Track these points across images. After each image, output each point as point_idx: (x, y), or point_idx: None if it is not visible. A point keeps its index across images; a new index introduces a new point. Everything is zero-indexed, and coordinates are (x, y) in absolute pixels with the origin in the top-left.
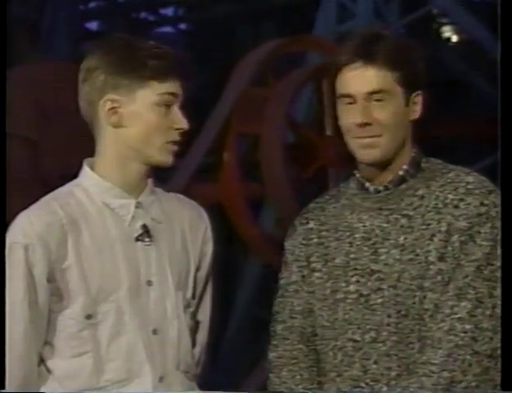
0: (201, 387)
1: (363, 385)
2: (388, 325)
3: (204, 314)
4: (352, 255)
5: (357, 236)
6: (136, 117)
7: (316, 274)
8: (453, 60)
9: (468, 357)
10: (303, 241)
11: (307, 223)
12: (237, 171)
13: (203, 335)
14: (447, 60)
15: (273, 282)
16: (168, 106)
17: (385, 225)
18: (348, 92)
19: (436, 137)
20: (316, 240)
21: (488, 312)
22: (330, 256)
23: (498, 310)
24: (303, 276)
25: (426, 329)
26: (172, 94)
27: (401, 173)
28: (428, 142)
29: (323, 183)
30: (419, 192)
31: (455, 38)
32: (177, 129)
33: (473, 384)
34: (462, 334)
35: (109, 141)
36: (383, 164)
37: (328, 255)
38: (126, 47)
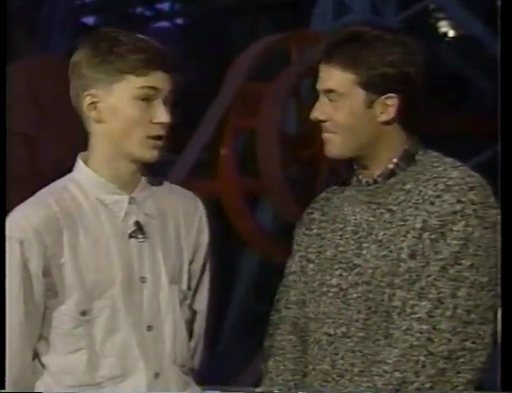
0: (198, 382)
1: (330, 380)
2: (357, 321)
3: (201, 304)
4: (340, 248)
5: (347, 229)
6: (114, 112)
7: (310, 266)
8: (450, 56)
9: (422, 358)
10: (306, 232)
11: (312, 213)
12: (235, 166)
13: (199, 325)
14: (444, 55)
15: (270, 277)
16: (148, 99)
17: (371, 219)
18: (316, 87)
19: (433, 132)
20: (315, 231)
21: (448, 313)
22: (323, 248)
23: (460, 311)
24: (302, 266)
25: (393, 327)
26: (153, 88)
27: (390, 166)
28: (426, 136)
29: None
30: (407, 186)
31: (452, 34)
32: (158, 123)
33: (427, 385)
34: (418, 334)
35: (96, 136)
36: (360, 160)
37: (322, 247)
38: (108, 41)
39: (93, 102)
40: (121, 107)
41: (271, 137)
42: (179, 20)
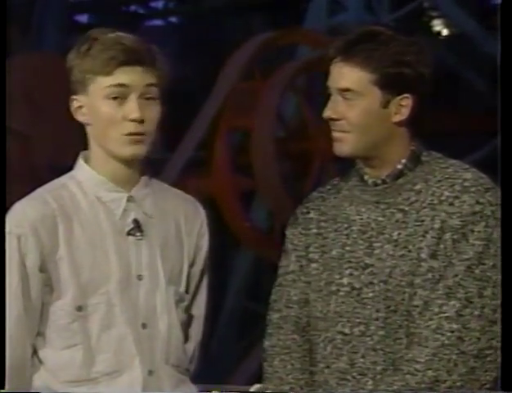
0: (191, 380)
1: (349, 378)
2: (377, 319)
3: (199, 309)
4: (347, 248)
5: (353, 228)
6: (92, 113)
7: (313, 265)
8: (444, 54)
9: (454, 357)
10: (303, 231)
11: (308, 212)
12: (228, 165)
13: (197, 329)
14: (438, 53)
15: (264, 275)
16: (120, 97)
17: (381, 219)
18: (328, 84)
19: (427, 130)
20: (315, 230)
21: (477, 312)
22: (327, 248)
23: (487, 310)
24: (301, 266)
25: (415, 326)
26: (121, 85)
27: (399, 166)
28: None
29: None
30: (417, 187)
31: (445, 32)
32: (132, 120)
33: (458, 384)
34: (449, 333)
35: (89, 138)
36: (368, 159)
37: (325, 247)
38: (88, 43)
39: (79, 107)
40: (96, 108)
41: (265, 136)
42: (173, 19)
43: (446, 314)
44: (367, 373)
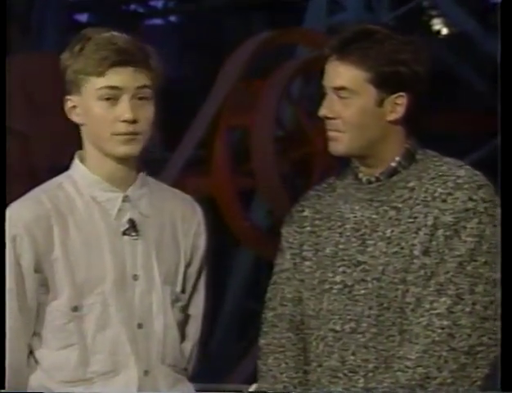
0: (189, 379)
1: (341, 376)
2: (369, 317)
3: (197, 309)
4: (341, 246)
5: (347, 226)
6: (85, 113)
7: (307, 263)
8: (443, 53)
9: (444, 353)
10: (297, 229)
11: (303, 210)
12: (228, 164)
13: (195, 329)
14: (437, 52)
15: (263, 274)
16: (113, 98)
17: (375, 217)
18: (323, 83)
19: (425, 129)
20: (309, 228)
21: (468, 309)
22: (321, 246)
23: (478, 307)
24: (295, 264)
25: (407, 323)
26: (113, 87)
27: (393, 164)
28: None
29: (309, 174)
30: (411, 184)
31: (445, 31)
32: (123, 121)
33: (449, 380)
34: (439, 330)
35: (83, 137)
36: (364, 158)
37: (319, 245)
38: (82, 43)
39: (73, 107)
40: (89, 109)
41: (265, 135)
42: (172, 18)
43: (436, 311)
44: (358, 371)
